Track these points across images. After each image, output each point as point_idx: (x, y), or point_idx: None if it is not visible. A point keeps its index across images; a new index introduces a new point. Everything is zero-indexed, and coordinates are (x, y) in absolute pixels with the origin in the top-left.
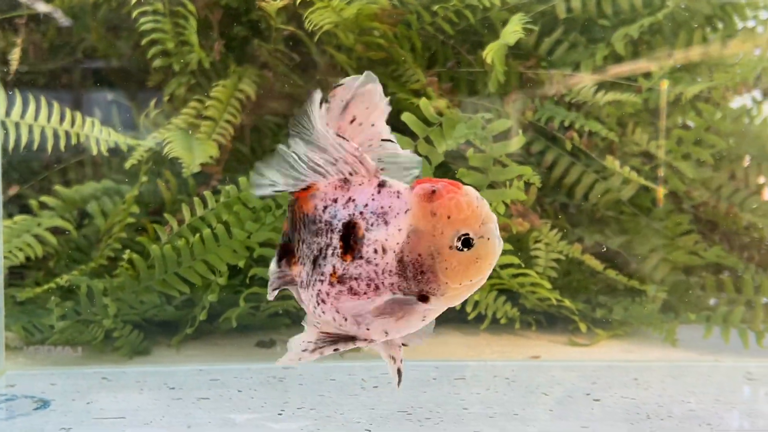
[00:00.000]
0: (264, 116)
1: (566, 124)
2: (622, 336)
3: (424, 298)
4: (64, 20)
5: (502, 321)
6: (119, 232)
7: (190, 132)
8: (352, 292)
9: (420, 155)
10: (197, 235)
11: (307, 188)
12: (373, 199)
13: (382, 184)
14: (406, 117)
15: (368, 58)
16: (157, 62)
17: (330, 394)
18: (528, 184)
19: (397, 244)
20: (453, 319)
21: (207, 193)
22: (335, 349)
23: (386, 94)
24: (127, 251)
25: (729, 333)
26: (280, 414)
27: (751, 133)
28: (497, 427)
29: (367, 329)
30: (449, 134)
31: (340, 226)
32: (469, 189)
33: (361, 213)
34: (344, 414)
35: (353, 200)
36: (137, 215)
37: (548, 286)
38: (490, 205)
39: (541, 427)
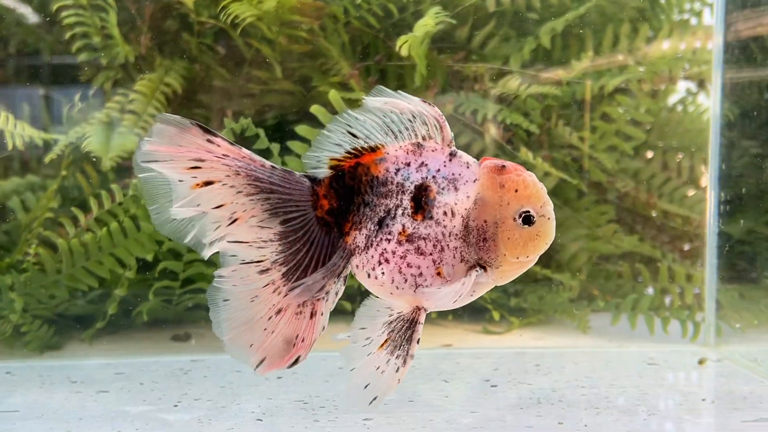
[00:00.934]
0: (192, 110)
1: (489, 116)
2: (536, 324)
3: (482, 267)
4: None
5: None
6: (38, 227)
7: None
8: (419, 251)
9: None
10: (104, 228)
11: (375, 151)
12: (444, 166)
13: (453, 154)
14: (316, 109)
15: (293, 51)
16: (83, 56)
17: (232, 385)
18: None
19: (465, 209)
20: None
21: (115, 187)
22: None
23: (310, 88)
24: (33, 246)
25: (636, 320)
26: (176, 406)
27: (674, 124)
28: (388, 413)
29: (422, 294)
30: None
31: (412, 187)
32: (533, 174)
33: (433, 177)
34: (240, 404)
35: (426, 165)
36: (58, 210)
37: None
38: None
39: (432, 413)
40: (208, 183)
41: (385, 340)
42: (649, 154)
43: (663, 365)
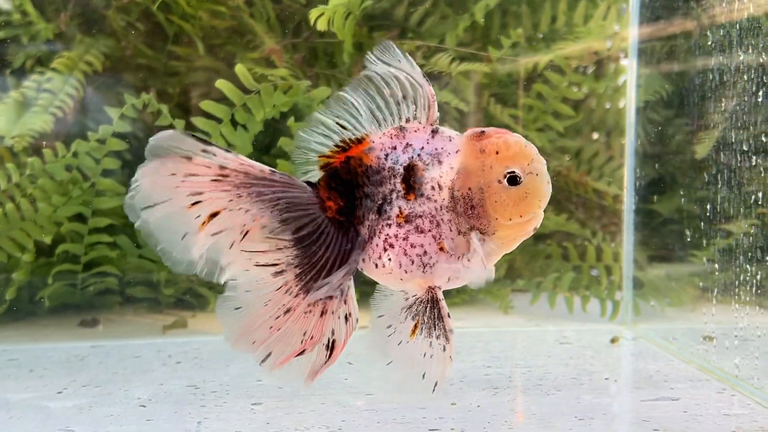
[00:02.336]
0: (115, 89)
1: None
2: (460, 305)
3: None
4: None
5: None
6: None
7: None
8: (419, 230)
9: (238, 124)
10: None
11: (361, 142)
12: (428, 143)
13: (435, 131)
14: (221, 84)
15: (213, 28)
16: (1, 34)
17: (126, 371)
18: None
19: (450, 180)
20: None
21: (11, 166)
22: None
23: (232, 64)
24: None
25: (555, 299)
26: (60, 393)
27: (600, 104)
28: (279, 398)
29: (431, 273)
30: (268, 102)
31: (401, 169)
32: (518, 135)
33: (419, 155)
34: (128, 391)
35: (410, 145)
36: None
37: None
38: None
39: (326, 396)
40: (214, 215)
41: (415, 326)
42: (581, 134)
43: (575, 344)
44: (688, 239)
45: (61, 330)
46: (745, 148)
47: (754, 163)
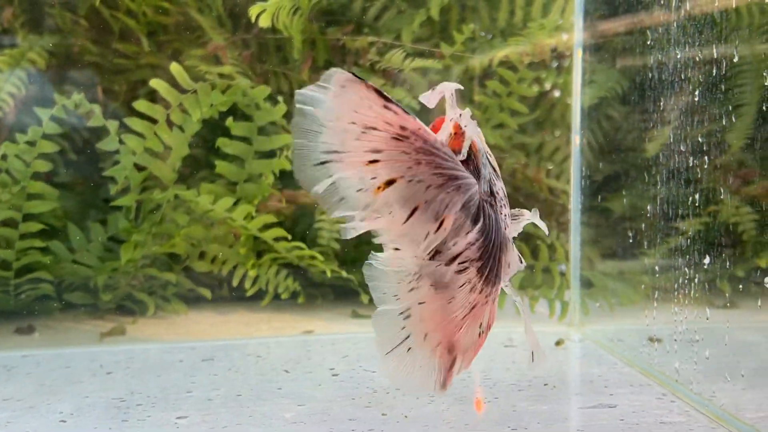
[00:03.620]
0: (61, 86)
1: None
2: None
3: None
4: None
5: (284, 296)
6: None
7: None
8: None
9: (174, 125)
10: None
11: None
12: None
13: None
14: (156, 83)
15: (160, 24)
16: None
17: (54, 382)
18: None
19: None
20: (239, 297)
21: None
22: None
23: (179, 61)
24: None
25: (504, 299)
26: None
27: (551, 99)
28: (206, 410)
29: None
30: (205, 102)
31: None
32: None
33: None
34: (51, 404)
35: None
36: None
37: (321, 258)
38: (259, 176)
39: (255, 407)
40: (390, 182)
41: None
42: (540, 130)
43: (520, 347)
44: (638, 238)
45: None
46: (695, 145)
47: (704, 161)
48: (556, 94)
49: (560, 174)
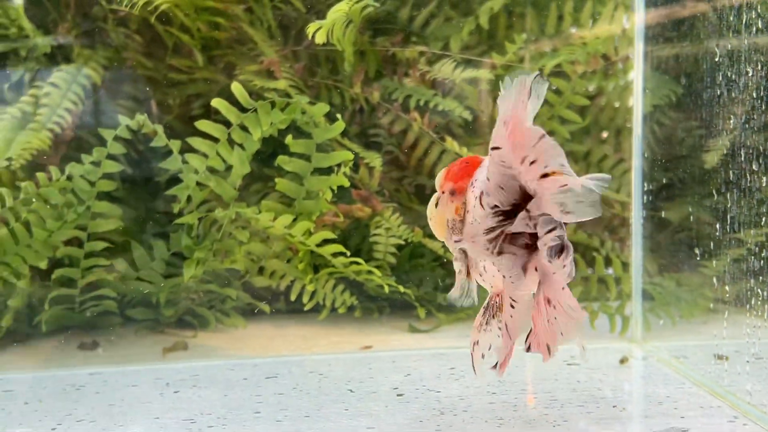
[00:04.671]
0: (117, 101)
1: (421, 103)
2: (465, 320)
3: None
4: None
5: (341, 310)
6: None
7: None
8: None
9: (235, 143)
10: None
11: None
12: None
13: None
14: (217, 103)
15: (213, 38)
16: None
17: (123, 402)
18: (370, 168)
19: None
20: (294, 310)
21: (4, 191)
22: None
23: (232, 75)
24: None
25: None
26: (53, 429)
27: (608, 106)
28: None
29: None
30: (265, 120)
31: None
32: None
33: None
34: (123, 426)
35: None
36: None
37: (379, 273)
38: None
39: (327, 430)
40: None
41: None
42: (590, 137)
43: (583, 365)
44: (700, 248)
45: (60, 353)
46: (759, 153)
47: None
48: (614, 103)
49: (616, 181)
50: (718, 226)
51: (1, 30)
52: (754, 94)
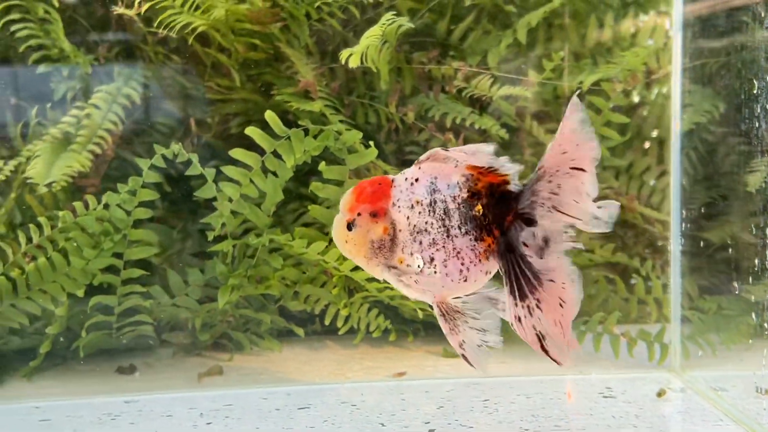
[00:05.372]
0: (155, 119)
1: (458, 121)
2: (504, 344)
3: None
4: None
5: (375, 334)
6: None
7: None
8: None
9: (269, 171)
10: (32, 264)
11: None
12: None
13: None
14: (251, 131)
15: (250, 58)
16: (41, 68)
17: None
18: None
19: None
20: (330, 331)
21: (42, 219)
22: None
23: (269, 94)
24: None
25: (600, 341)
26: None
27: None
28: None
29: None
30: (298, 148)
31: None
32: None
33: None
34: None
35: None
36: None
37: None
38: None
39: None
40: None
41: None
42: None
43: (620, 397)
44: (742, 270)
45: (98, 378)
46: None
47: None
48: (654, 118)
49: (654, 200)
50: (761, 248)
51: (44, 51)
52: None
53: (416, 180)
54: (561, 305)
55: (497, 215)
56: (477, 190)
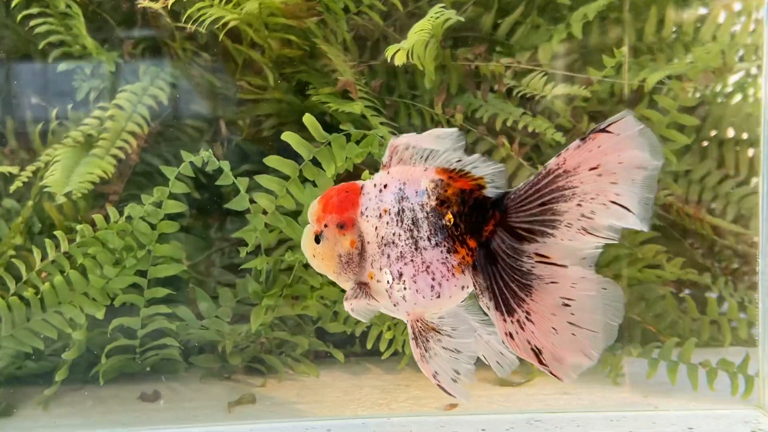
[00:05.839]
0: (183, 120)
1: (509, 123)
2: None
3: None
4: None
5: None
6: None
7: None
8: None
9: (307, 180)
10: (47, 283)
11: None
12: None
13: None
14: (288, 137)
15: (285, 55)
16: (62, 66)
17: None
18: None
19: None
20: (371, 353)
21: (59, 233)
22: None
23: (306, 93)
24: None
25: (676, 373)
26: None
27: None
28: None
29: None
30: (340, 155)
31: None
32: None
33: None
34: None
35: None
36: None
37: None
38: None
39: None
40: None
41: None
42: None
43: None
44: None
45: (119, 406)
46: None
47: None
48: (733, 121)
49: (729, 210)
50: None
51: (65, 48)
52: None
53: (385, 186)
54: (566, 305)
55: (472, 225)
56: (446, 197)
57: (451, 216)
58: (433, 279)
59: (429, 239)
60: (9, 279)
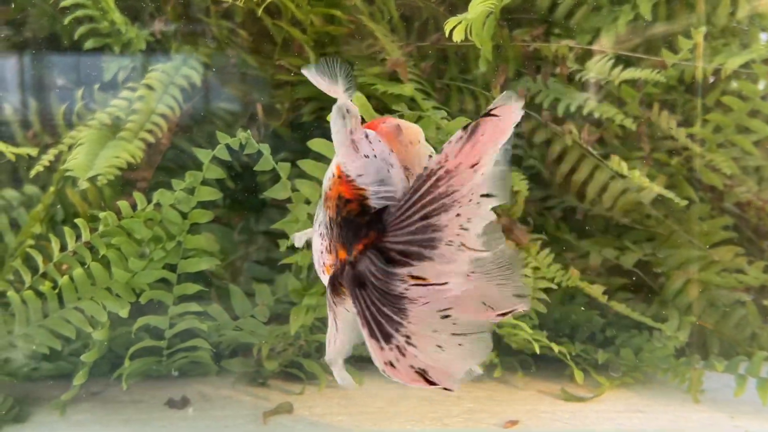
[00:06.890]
0: (217, 104)
1: (572, 108)
2: (633, 385)
3: None
4: None
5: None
6: (18, 258)
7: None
8: None
9: None
10: (66, 276)
11: None
12: None
13: None
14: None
15: (328, 33)
16: (89, 43)
17: None
18: (513, 191)
19: None
20: None
21: (80, 221)
22: None
23: (351, 75)
24: None
25: (744, 384)
26: None
27: None
28: None
29: None
30: None
31: None
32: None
33: None
34: None
35: None
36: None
37: (528, 329)
38: None
39: None
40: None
41: None
42: None
43: None
44: None
45: (144, 412)
46: None
47: None
48: None
49: None
50: None
51: (92, 24)
52: None
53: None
54: (447, 316)
55: (343, 237)
56: (329, 195)
57: (331, 214)
58: (317, 265)
59: (318, 225)
60: (25, 271)
